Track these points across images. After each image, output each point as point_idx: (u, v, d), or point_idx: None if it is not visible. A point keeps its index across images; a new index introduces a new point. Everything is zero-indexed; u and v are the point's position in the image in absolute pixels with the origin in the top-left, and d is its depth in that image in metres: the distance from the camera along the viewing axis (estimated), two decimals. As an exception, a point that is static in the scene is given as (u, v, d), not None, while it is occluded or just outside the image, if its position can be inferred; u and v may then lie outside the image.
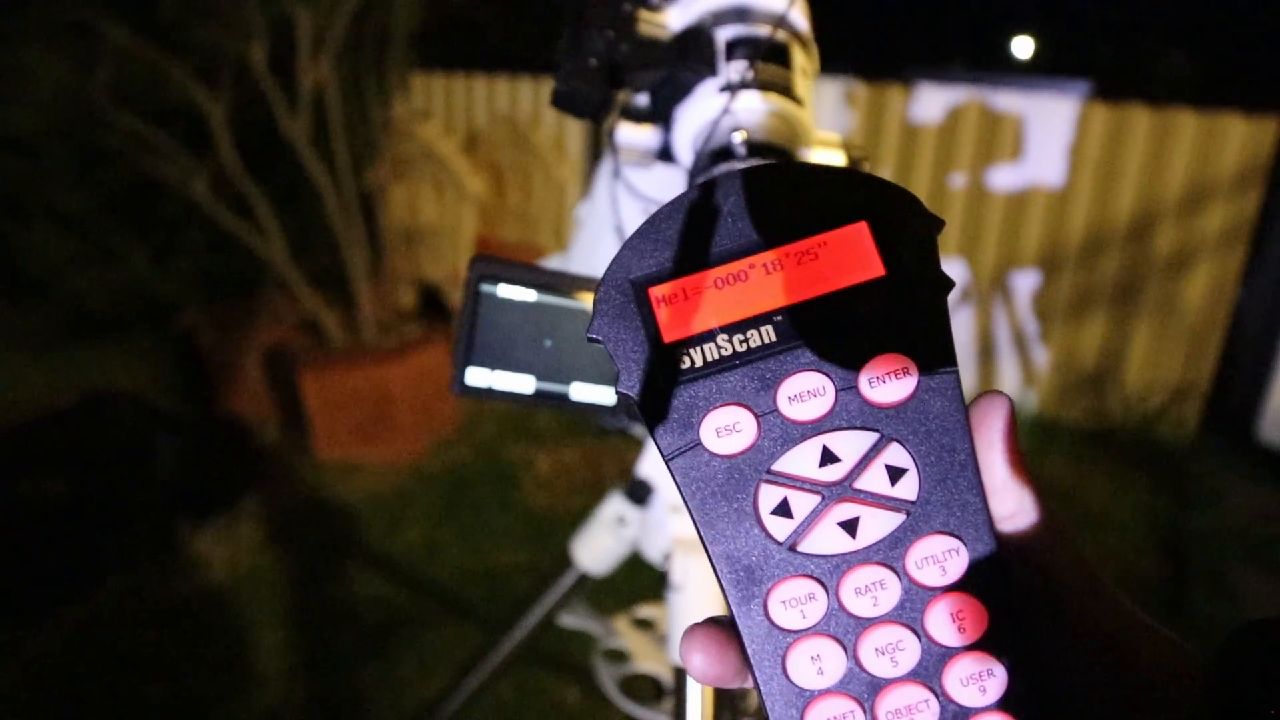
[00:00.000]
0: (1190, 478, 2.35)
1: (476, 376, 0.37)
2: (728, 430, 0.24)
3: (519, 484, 2.24)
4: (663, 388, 0.24)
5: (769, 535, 0.23)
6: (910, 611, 0.23)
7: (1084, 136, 2.42)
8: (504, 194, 2.88)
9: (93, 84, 2.03)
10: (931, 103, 2.54)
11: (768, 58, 0.46)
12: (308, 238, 2.40)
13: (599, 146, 2.79)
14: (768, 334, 0.24)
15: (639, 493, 0.82)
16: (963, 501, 0.23)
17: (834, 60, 0.51)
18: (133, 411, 2.32)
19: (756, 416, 0.24)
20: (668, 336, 0.24)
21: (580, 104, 0.46)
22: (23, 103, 2.12)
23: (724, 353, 0.24)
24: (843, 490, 0.24)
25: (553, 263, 0.70)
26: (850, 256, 0.24)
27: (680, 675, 0.75)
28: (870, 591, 0.23)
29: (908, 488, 0.24)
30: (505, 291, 0.37)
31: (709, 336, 0.24)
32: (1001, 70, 2.68)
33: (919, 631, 0.23)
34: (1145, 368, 2.54)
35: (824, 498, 0.24)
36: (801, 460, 0.24)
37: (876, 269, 0.24)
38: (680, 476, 0.24)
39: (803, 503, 0.24)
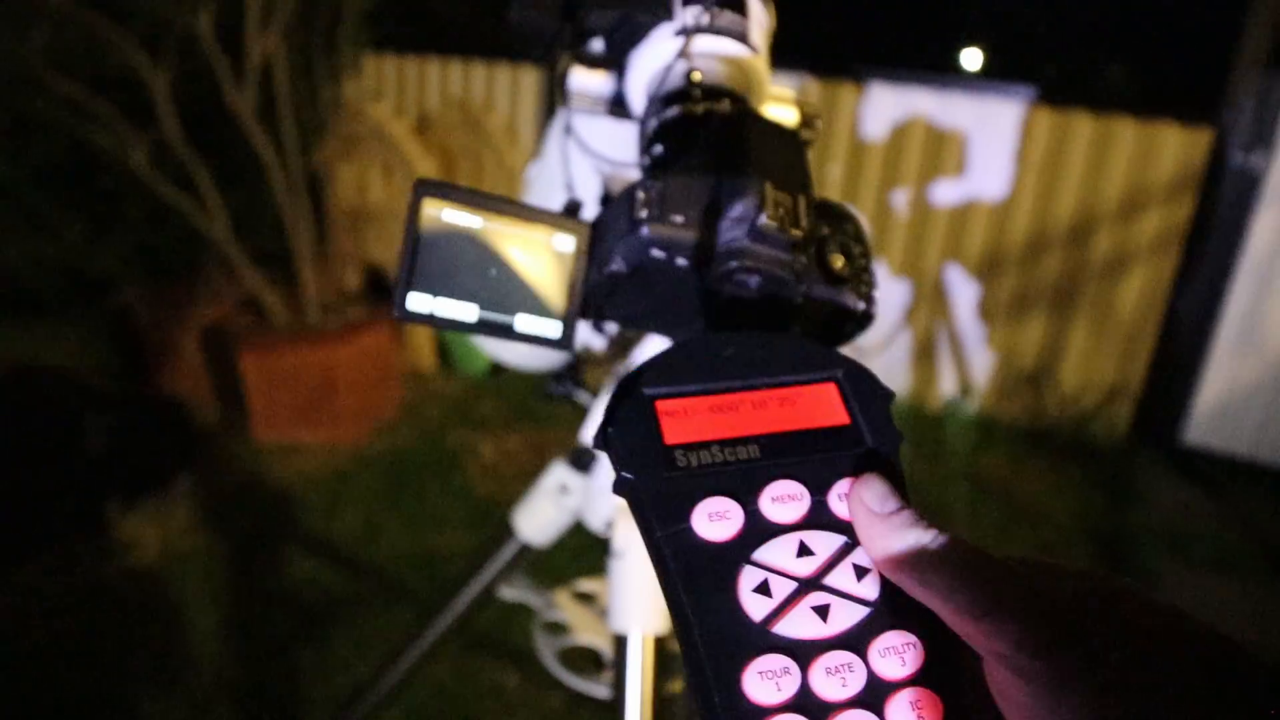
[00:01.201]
0: (1121, 476, 2.42)
1: (417, 302, 0.36)
2: (718, 516, 0.26)
3: (462, 469, 2.22)
4: (661, 477, 0.27)
5: (749, 614, 0.25)
6: (875, 697, 0.25)
7: (1029, 141, 2.48)
8: (454, 178, 2.85)
9: (29, 48, 1.96)
10: (882, 102, 2.58)
11: (723, 4, 0.46)
12: (251, 215, 2.35)
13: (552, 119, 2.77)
14: (753, 451, 0.28)
15: (582, 460, 0.82)
16: (919, 604, 0.25)
17: (787, 56, 0.52)
18: (62, 388, 2.25)
19: (744, 510, 0.27)
20: (668, 440, 0.28)
21: (532, 35, 0.45)
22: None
23: (716, 460, 0.28)
24: (816, 582, 0.26)
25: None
26: (821, 406, 0.30)
27: (620, 645, 0.74)
28: (839, 673, 0.25)
29: (869, 588, 0.26)
30: (450, 216, 0.36)
31: (704, 445, 0.28)
32: (951, 75, 2.73)
33: (883, 717, 0.25)
34: (1080, 369, 2.61)
35: (799, 585, 0.26)
36: (780, 552, 0.26)
37: (842, 418, 0.29)
38: (670, 555, 0.26)
39: (780, 587, 0.26)
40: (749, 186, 0.36)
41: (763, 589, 0.26)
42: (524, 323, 0.38)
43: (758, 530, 0.26)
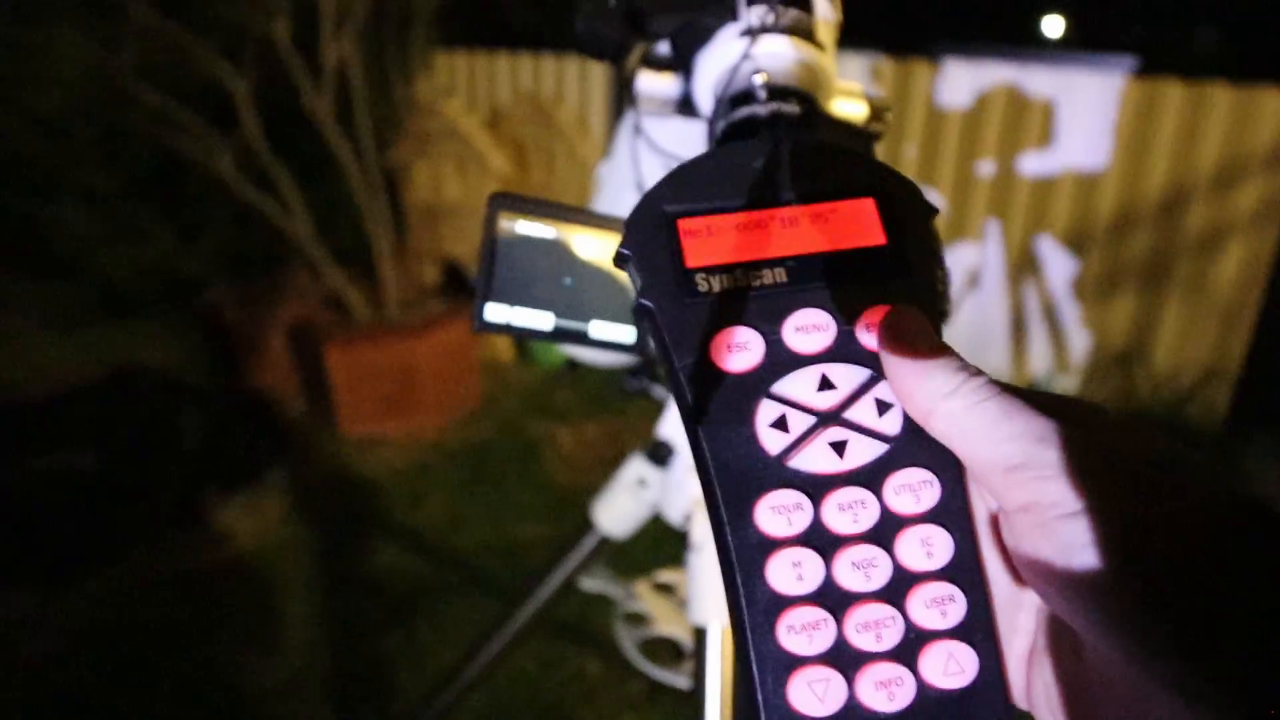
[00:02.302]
0: (1220, 459, 2.33)
1: (495, 313, 0.37)
2: (738, 348, 0.25)
3: (541, 459, 2.25)
4: (681, 304, 0.26)
5: (765, 448, 0.25)
6: (885, 533, 0.25)
7: (1116, 113, 2.38)
8: (527, 171, 2.88)
9: (119, 62, 2.05)
10: (959, 80, 2.51)
11: (789, 2, 0.46)
12: (332, 214, 2.42)
13: (623, 116, 2.78)
14: (780, 275, 0.26)
15: (660, 454, 0.82)
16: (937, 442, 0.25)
17: (860, 35, 0.51)
18: (159, 386, 2.36)
19: (765, 340, 0.26)
20: (690, 263, 0.26)
21: (598, 44, 0.45)
22: (50, 82, 2.14)
23: (739, 284, 0.26)
24: (835, 416, 0.25)
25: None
26: (858, 224, 0.27)
27: (700, 637, 0.75)
28: (852, 509, 0.25)
29: (892, 423, 0.25)
30: (524, 228, 0.37)
31: (728, 269, 0.26)
32: (1031, 47, 2.64)
33: (891, 553, 0.25)
34: (1175, 348, 2.51)
35: (818, 420, 0.25)
36: (801, 385, 0.25)
37: (879, 238, 0.27)
38: (688, 386, 0.25)
39: (798, 421, 0.25)
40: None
41: (780, 423, 0.25)
42: (599, 329, 0.39)
43: (779, 361, 0.26)
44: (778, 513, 0.24)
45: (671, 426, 0.81)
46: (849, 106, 0.52)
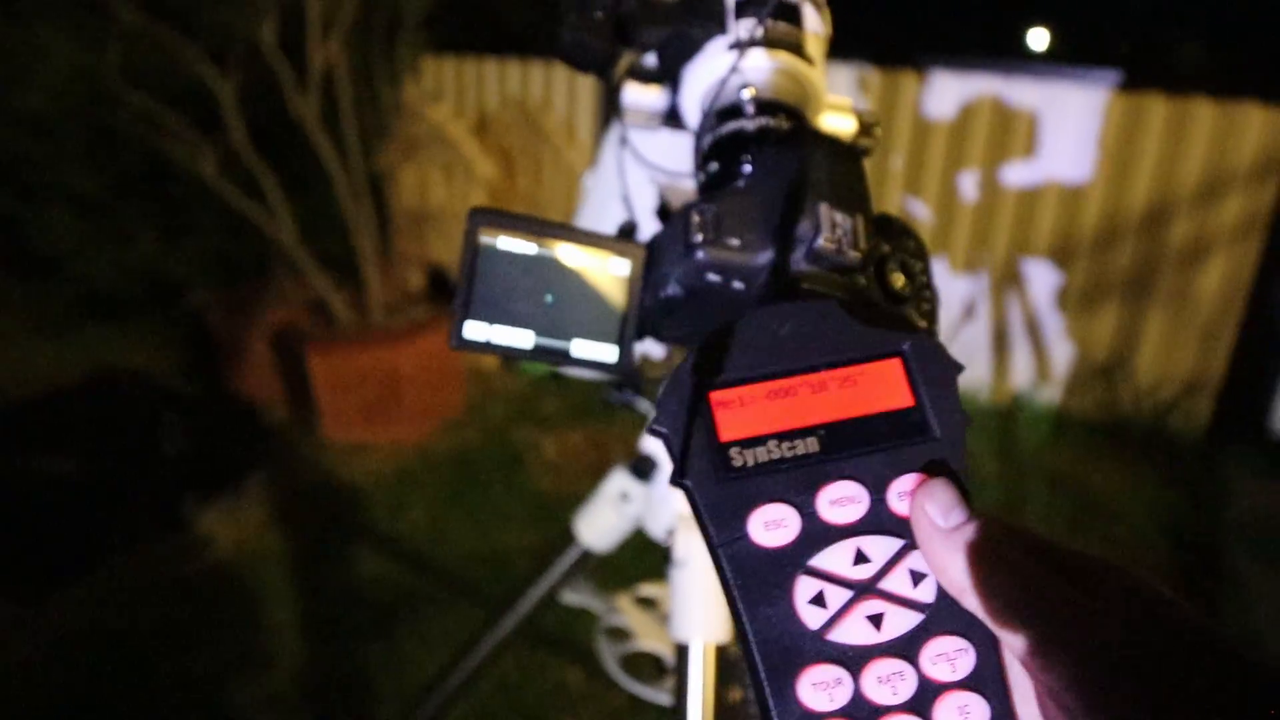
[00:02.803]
0: (1201, 472, 2.34)
1: (474, 330, 0.36)
2: (774, 525, 0.26)
3: (525, 467, 2.24)
4: (717, 481, 0.27)
5: (804, 623, 0.26)
6: (923, 702, 0.25)
7: (1100, 127, 2.40)
8: (514, 177, 2.87)
9: (104, 64, 2.03)
10: (945, 91, 2.52)
11: (778, 16, 0.45)
12: (317, 219, 2.40)
13: (609, 125, 2.77)
14: (812, 445, 0.27)
15: (643, 468, 0.81)
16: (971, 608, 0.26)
17: (847, 46, 0.50)
18: (141, 390, 2.33)
19: (800, 515, 0.26)
20: (724, 436, 0.27)
21: (584, 55, 0.45)
22: (35, 82, 2.12)
23: (773, 457, 0.27)
24: (871, 588, 0.26)
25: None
26: (885, 387, 0.28)
27: (682, 653, 0.74)
28: (890, 681, 0.25)
29: (926, 591, 0.26)
30: (505, 244, 0.36)
31: (760, 441, 0.27)
32: (1017, 59, 2.66)
33: None
34: (1157, 360, 2.52)
35: (854, 593, 0.26)
36: (837, 558, 0.26)
37: (906, 400, 0.28)
38: (728, 563, 0.26)
39: (835, 596, 0.26)
40: (805, 208, 0.35)
41: (818, 599, 0.26)
42: (580, 348, 0.38)
43: (815, 535, 0.26)
44: (820, 689, 0.25)
45: (656, 441, 0.80)
46: (837, 121, 0.52)
